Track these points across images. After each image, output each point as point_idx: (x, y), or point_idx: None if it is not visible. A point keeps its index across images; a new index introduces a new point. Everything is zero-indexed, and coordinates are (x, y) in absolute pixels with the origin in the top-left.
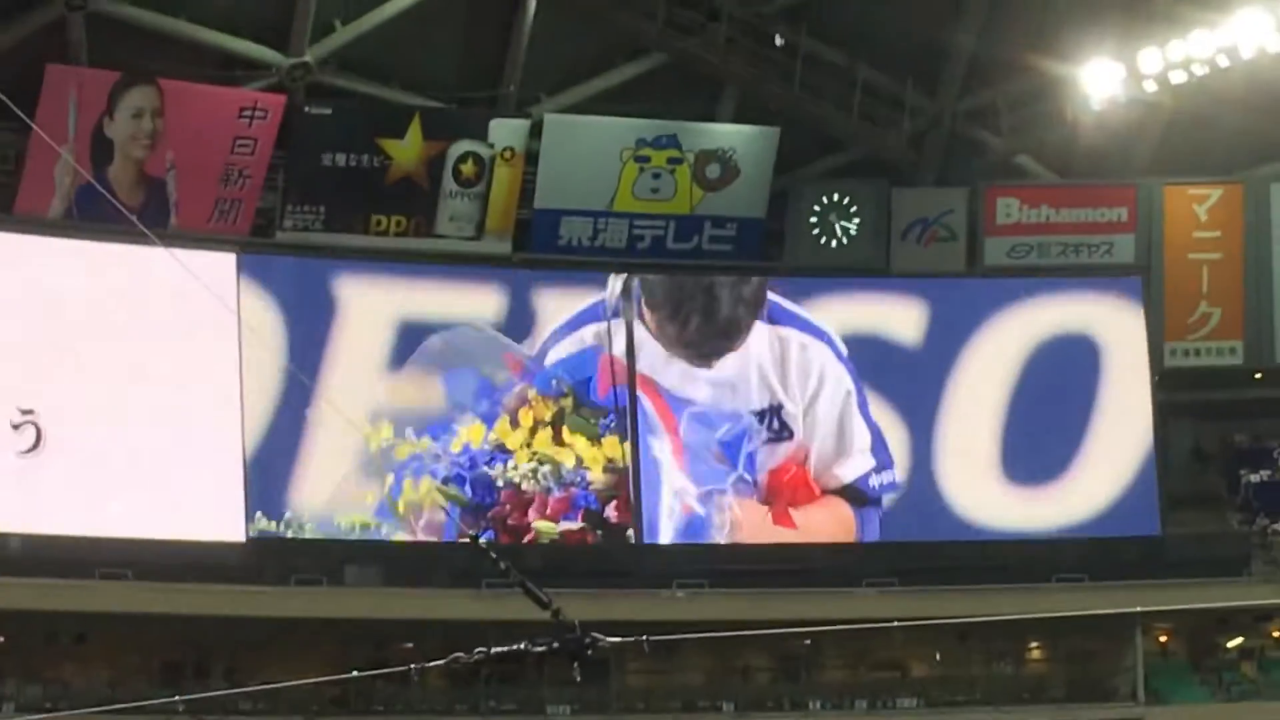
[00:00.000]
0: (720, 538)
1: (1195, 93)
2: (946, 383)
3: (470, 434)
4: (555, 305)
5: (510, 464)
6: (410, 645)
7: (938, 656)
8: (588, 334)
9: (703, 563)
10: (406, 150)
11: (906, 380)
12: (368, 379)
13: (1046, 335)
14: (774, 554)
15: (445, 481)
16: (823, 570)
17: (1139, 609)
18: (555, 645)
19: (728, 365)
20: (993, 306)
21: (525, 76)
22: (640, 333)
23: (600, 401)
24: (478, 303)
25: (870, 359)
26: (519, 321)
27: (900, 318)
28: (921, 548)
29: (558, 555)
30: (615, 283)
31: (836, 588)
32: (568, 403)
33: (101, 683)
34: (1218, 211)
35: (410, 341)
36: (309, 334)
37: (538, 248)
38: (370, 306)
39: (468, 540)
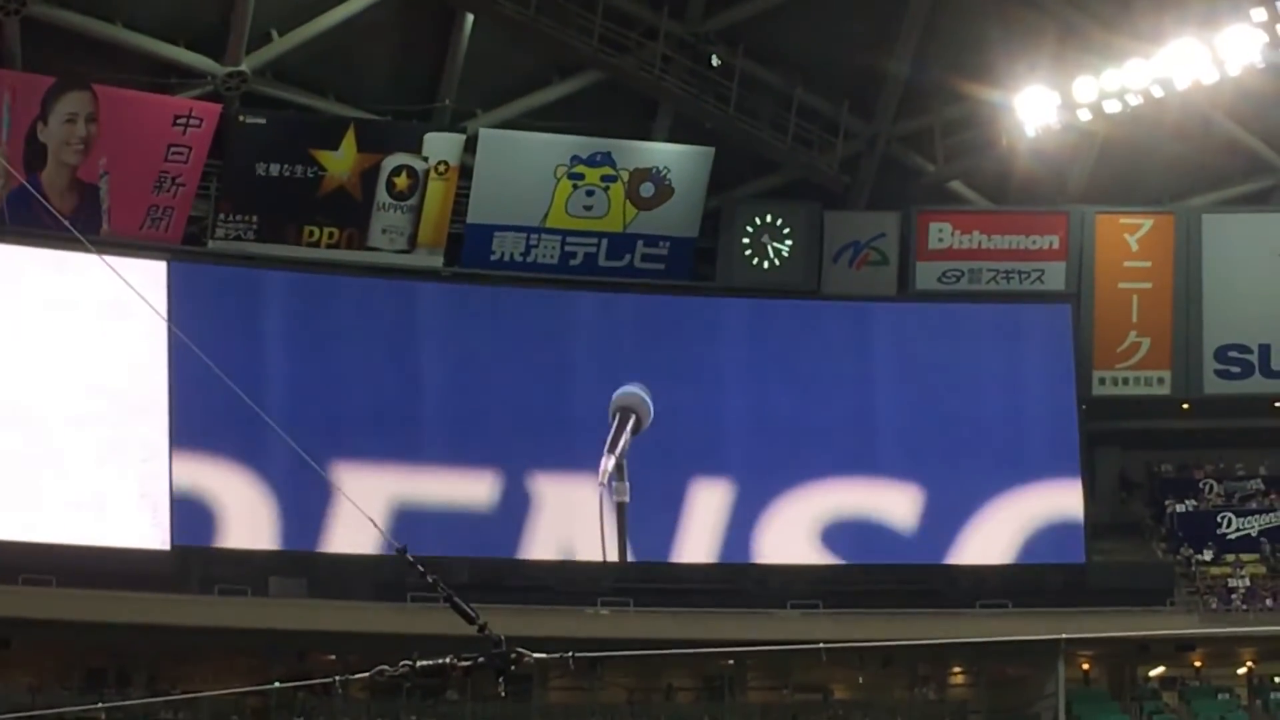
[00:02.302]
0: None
1: (1129, 122)
2: None
3: None
4: None
5: None
6: (333, 657)
7: (860, 680)
8: None
9: (627, 581)
10: (340, 162)
11: None
12: None
13: None
14: (698, 573)
15: None
16: (747, 591)
17: (1062, 636)
18: (481, 660)
19: None
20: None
21: (461, 91)
22: None
23: None
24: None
25: None
26: None
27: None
28: (846, 570)
29: (484, 570)
30: None
31: (761, 609)
32: None
33: (22, 689)
34: (1149, 241)
35: None
36: None
37: (469, 262)
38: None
39: (395, 553)
